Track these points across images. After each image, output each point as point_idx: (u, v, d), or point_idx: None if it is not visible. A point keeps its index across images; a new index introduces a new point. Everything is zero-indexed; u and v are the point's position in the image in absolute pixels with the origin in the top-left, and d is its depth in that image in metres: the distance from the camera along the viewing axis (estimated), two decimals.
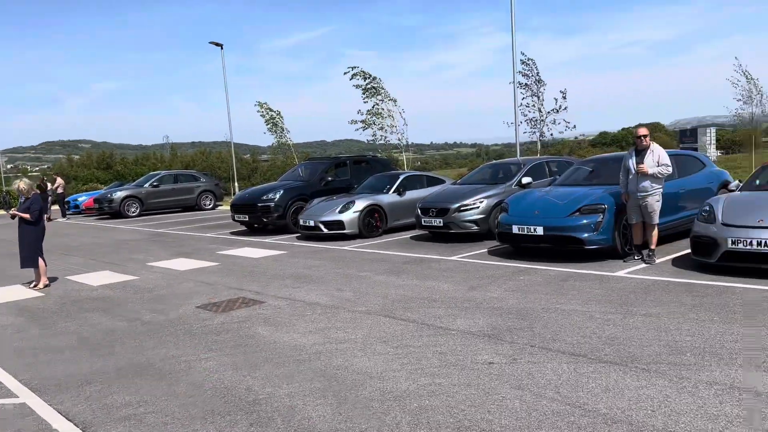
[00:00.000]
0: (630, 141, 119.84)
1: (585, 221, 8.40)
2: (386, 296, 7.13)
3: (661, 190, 8.11)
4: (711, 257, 7.22)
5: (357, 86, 21.05)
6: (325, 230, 12.33)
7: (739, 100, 17.82)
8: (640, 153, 8.16)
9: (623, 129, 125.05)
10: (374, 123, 21.08)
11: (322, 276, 8.65)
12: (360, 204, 12.46)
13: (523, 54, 18.38)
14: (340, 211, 12.36)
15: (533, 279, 7.59)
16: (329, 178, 14.85)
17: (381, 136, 21.06)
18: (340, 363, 4.82)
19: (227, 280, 8.76)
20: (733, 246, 6.95)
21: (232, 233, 14.92)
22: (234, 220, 14.86)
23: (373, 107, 21.07)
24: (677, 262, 8.06)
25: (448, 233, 11.20)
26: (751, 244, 6.80)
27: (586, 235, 8.36)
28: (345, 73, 20.86)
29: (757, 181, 8.44)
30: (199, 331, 6.07)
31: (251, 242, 12.88)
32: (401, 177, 13.38)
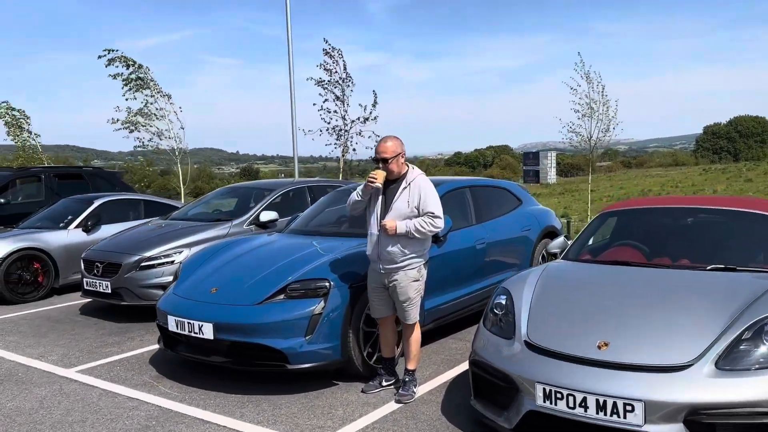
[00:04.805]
0: (481, 162, 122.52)
1: (290, 315, 4.28)
2: None
3: (423, 260, 4.22)
4: (506, 417, 3.36)
5: (116, 76, 15.62)
6: None
7: (577, 111, 14.34)
8: (391, 186, 4.23)
9: (476, 150, 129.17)
10: (141, 125, 15.84)
11: None
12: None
13: (327, 42, 14.14)
14: None
15: None
16: (1, 200, 9.72)
17: (148, 141, 15.91)
18: None
19: None
20: (548, 403, 3.13)
21: None
22: None
23: (145, 105, 15.82)
24: (453, 399, 4.18)
25: (122, 305, 6.67)
26: (573, 403, 3.01)
27: (290, 342, 4.23)
28: (100, 57, 15.56)
29: (590, 241, 4.83)
30: None
31: None
32: (97, 202, 8.61)
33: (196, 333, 4.42)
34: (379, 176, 4.08)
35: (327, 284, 4.37)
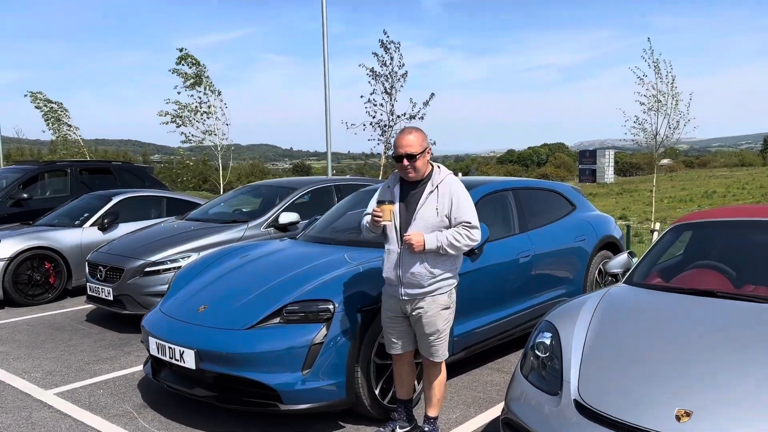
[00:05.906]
0: (534, 159, 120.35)
1: (284, 344, 3.53)
2: None
3: (455, 282, 3.40)
4: None
5: (176, 71, 15.27)
6: None
7: (643, 104, 12.98)
8: (413, 191, 3.41)
9: (529, 147, 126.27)
10: (189, 120, 15.51)
11: None
12: (7, 246, 7.12)
13: (386, 34, 13.37)
14: None
15: None
16: (24, 195, 9.38)
17: (195, 136, 15.56)
18: None
19: None
20: None
21: None
22: None
23: (200, 104, 15.49)
24: None
25: (126, 314, 6.08)
26: None
27: (284, 377, 3.48)
28: (179, 50, 15.24)
29: (659, 261, 3.89)
30: None
31: None
32: (116, 199, 8.12)
33: (177, 360, 3.74)
34: (385, 213, 3.25)
35: (331, 306, 3.60)
